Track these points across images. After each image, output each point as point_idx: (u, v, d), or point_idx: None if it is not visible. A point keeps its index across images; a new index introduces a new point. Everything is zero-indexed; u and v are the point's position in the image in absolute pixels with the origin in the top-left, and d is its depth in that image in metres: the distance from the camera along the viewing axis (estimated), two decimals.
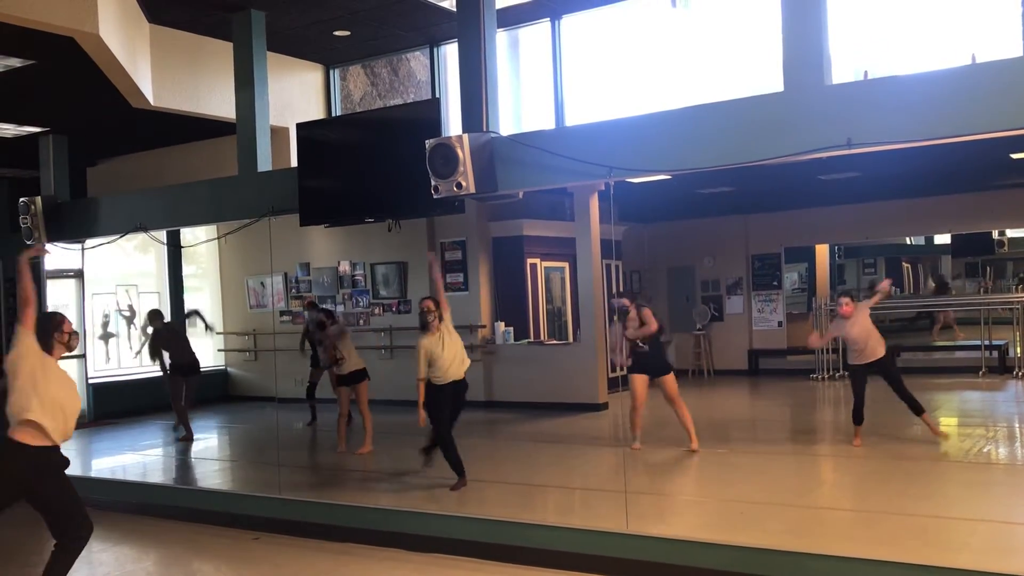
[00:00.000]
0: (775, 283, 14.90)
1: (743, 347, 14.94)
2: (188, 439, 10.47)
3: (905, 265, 18.64)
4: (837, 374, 13.31)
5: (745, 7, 8.72)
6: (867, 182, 12.15)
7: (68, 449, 4.99)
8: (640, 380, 8.41)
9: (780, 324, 14.82)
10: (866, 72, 5.83)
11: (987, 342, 13.38)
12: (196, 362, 10.68)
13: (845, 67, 6.27)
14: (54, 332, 4.85)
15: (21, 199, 9.01)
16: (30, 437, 4.66)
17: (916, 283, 18.53)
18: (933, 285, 17.27)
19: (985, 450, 8.25)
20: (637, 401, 8.44)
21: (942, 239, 16.98)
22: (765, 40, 7.62)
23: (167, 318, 11.17)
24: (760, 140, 5.45)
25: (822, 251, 15.73)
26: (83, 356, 12.09)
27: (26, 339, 4.71)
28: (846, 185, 12.32)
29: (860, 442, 8.24)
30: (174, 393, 10.42)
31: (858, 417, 8.32)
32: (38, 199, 8.93)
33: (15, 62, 8.19)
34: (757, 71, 8.19)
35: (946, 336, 15.80)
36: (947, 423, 10.04)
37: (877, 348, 8.32)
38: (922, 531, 5.58)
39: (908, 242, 17.98)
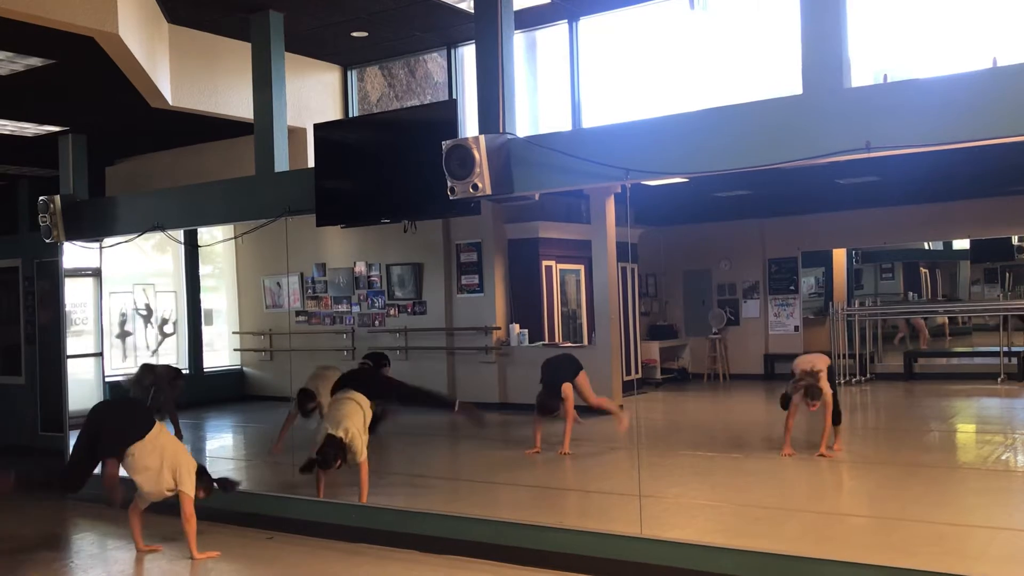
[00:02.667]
0: (792, 287, 14.82)
1: (759, 351, 14.86)
2: None
3: (923, 270, 18.50)
4: (854, 379, 13.23)
5: (763, 9, 8.68)
6: (885, 186, 12.07)
7: None
8: None
9: (797, 328, 14.73)
10: (885, 75, 5.78)
11: (1006, 348, 13.27)
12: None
13: (864, 70, 6.22)
14: None
15: (40, 198, 9.05)
16: None
17: (934, 289, 18.38)
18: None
19: (1003, 457, 8.18)
20: None
21: (961, 244, 16.85)
22: (783, 43, 7.58)
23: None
24: (778, 143, 5.41)
25: (839, 255, 15.63)
26: (100, 354, 12.15)
27: None
28: (864, 189, 12.25)
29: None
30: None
31: None
32: (57, 198, 8.98)
33: (36, 62, 8.24)
34: (775, 74, 8.14)
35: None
36: (965, 430, 9.97)
37: None
38: (940, 539, 5.53)
39: (927, 247, 17.84)
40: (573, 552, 5.70)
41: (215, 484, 6.58)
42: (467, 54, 10.28)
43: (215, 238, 13.63)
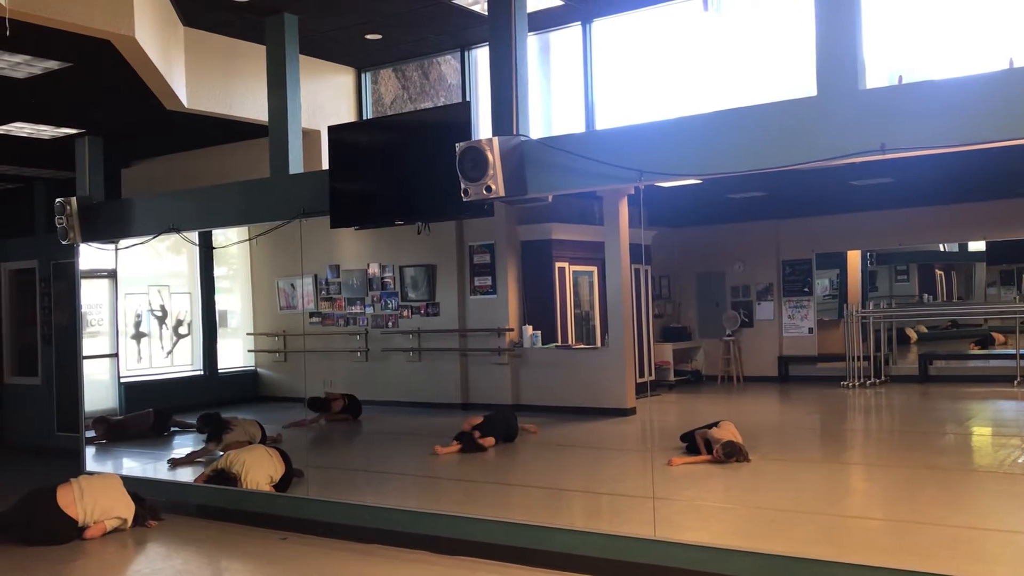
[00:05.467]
0: (806, 289, 14.77)
1: (773, 353, 14.82)
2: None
3: (938, 272, 18.41)
4: (868, 381, 13.16)
5: (778, 11, 8.66)
6: (900, 188, 12.01)
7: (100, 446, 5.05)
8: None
9: (811, 330, 14.68)
10: (900, 77, 5.76)
11: (1023, 351, 13.17)
12: None
13: (879, 71, 6.20)
14: None
15: (57, 200, 9.13)
16: None
17: (949, 291, 18.29)
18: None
19: (1020, 460, 8.12)
20: None
21: (976, 246, 16.76)
22: (798, 44, 7.56)
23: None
24: (792, 145, 5.40)
25: (854, 257, 15.57)
26: (115, 355, 12.25)
27: None
28: (879, 191, 12.19)
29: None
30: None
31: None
32: (73, 200, 9.05)
33: (53, 64, 8.30)
34: (789, 75, 8.12)
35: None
36: (981, 432, 9.91)
37: None
38: (954, 542, 5.50)
39: (942, 249, 17.76)
40: (586, 554, 5.70)
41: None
42: (481, 56, 10.29)
43: (230, 240, 13.70)
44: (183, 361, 14.03)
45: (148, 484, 8.54)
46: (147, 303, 13.62)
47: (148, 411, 11.32)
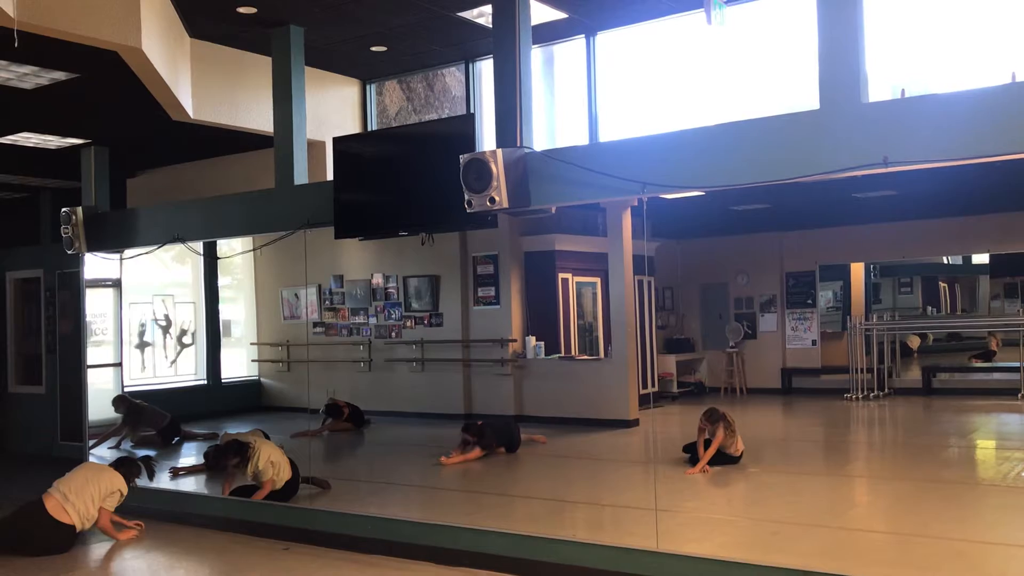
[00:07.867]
0: (809, 301, 14.77)
1: (776, 365, 14.81)
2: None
3: (942, 285, 18.41)
4: (872, 394, 13.15)
5: (781, 25, 8.70)
6: (904, 200, 12.03)
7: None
8: None
9: (814, 343, 14.67)
10: (903, 90, 5.79)
11: None
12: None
13: (882, 85, 6.23)
14: None
15: (63, 209, 9.18)
16: None
17: (953, 303, 18.30)
18: None
19: None
20: None
21: (980, 259, 16.77)
22: (801, 58, 7.59)
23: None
24: (795, 158, 5.43)
25: (857, 269, 15.58)
26: (119, 365, 12.28)
27: None
28: (882, 203, 12.21)
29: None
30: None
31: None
32: (79, 209, 9.10)
33: (60, 75, 8.36)
34: (792, 89, 8.16)
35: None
36: (984, 446, 9.89)
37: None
38: (958, 555, 5.49)
39: (946, 261, 17.77)
40: (589, 565, 5.70)
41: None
42: (485, 68, 10.34)
43: (234, 250, 13.74)
44: (187, 371, 14.07)
45: (150, 493, 8.55)
46: (151, 313, 13.66)
47: (167, 414, 11.30)
